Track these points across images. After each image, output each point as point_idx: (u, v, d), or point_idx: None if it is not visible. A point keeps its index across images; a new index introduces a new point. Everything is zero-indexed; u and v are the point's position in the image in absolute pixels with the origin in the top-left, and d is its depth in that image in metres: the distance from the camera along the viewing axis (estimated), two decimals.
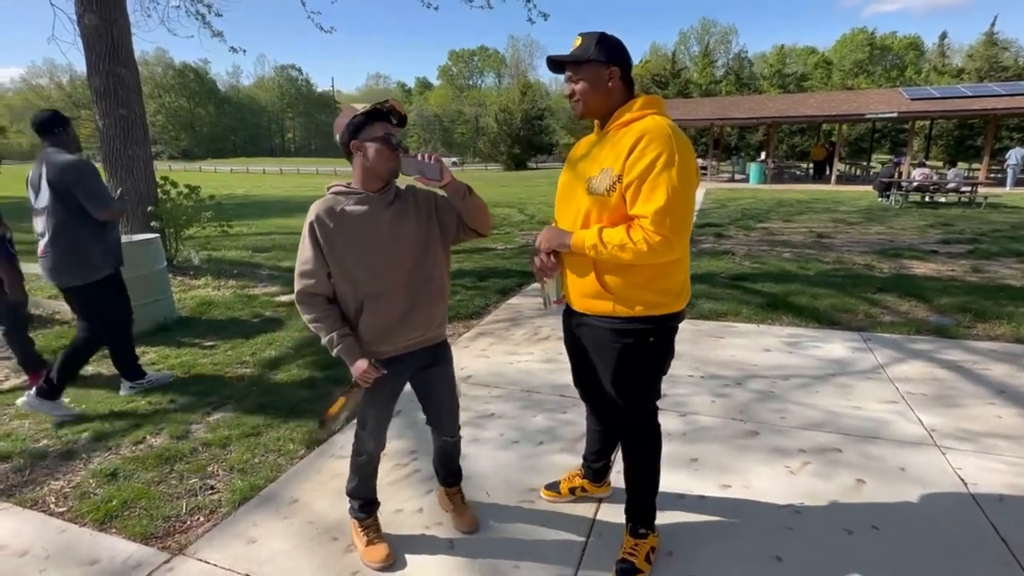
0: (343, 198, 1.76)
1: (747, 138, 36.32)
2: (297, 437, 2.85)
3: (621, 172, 1.60)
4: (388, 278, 1.77)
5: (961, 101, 19.91)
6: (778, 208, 13.22)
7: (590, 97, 1.70)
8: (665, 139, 1.56)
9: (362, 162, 1.73)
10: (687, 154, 1.58)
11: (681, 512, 2.21)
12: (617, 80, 1.69)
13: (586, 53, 1.67)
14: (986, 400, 3.13)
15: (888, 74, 55.62)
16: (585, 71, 1.68)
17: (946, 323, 4.43)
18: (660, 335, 1.77)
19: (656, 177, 1.54)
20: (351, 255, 1.74)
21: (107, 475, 2.55)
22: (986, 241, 8.20)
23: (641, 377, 1.82)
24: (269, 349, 4.18)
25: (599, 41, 1.67)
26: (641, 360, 1.78)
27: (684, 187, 1.55)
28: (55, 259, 3.12)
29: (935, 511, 2.19)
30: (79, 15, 5.91)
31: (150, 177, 6.36)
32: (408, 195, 1.84)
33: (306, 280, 1.75)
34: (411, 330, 1.84)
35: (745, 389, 3.33)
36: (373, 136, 1.70)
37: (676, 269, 1.72)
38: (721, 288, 5.58)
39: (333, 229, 1.72)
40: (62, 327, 4.59)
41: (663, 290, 1.71)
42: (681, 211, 1.56)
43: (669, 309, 1.74)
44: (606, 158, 1.66)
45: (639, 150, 1.56)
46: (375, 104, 1.72)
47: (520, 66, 79.88)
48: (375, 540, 2.01)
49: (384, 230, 1.75)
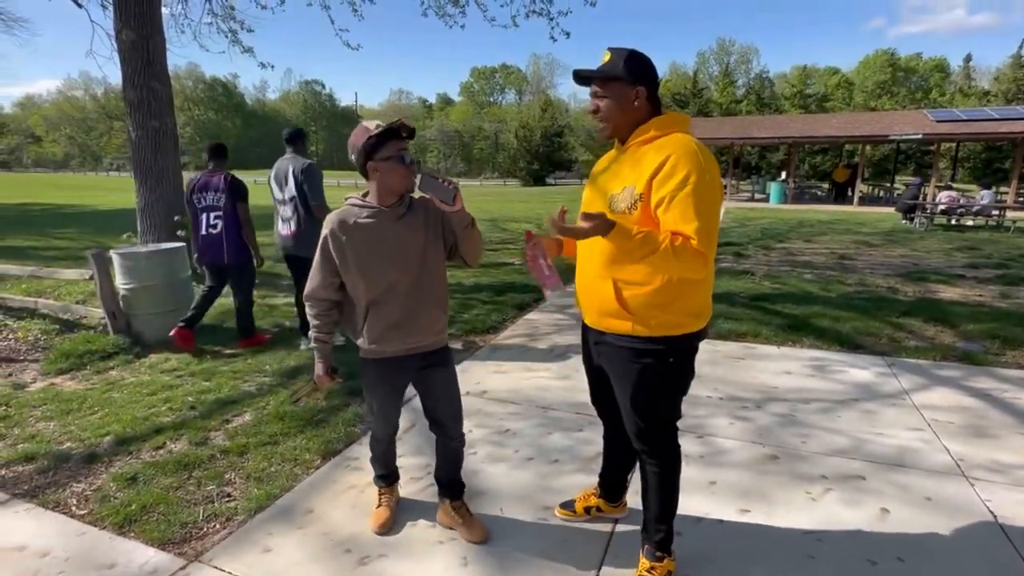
0: (356, 210, 1.89)
1: (768, 157, 36.10)
2: (314, 447, 2.87)
3: (644, 190, 1.58)
4: (391, 286, 1.89)
5: (988, 124, 19.56)
6: (799, 228, 13.08)
7: (615, 115, 1.68)
8: (693, 156, 1.55)
9: (378, 180, 1.85)
10: (715, 171, 1.58)
11: (699, 536, 2.17)
12: (643, 100, 1.67)
13: (614, 70, 1.65)
14: (1016, 430, 3.03)
15: (912, 95, 55.02)
16: (612, 88, 1.67)
17: (974, 349, 4.32)
18: (680, 355, 1.75)
19: (689, 195, 1.52)
20: (358, 264, 1.87)
21: (128, 479, 2.59)
22: (1015, 266, 8.01)
23: (661, 398, 1.79)
24: (288, 359, 4.22)
25: (628, 58, 1.65)
26: (661, 380, 1.75)
27: (714, 205, 1.56)
28: (297, 235, 4.13)
29: (963, 544, 2.12)
30: (117, 31, 6.15)
31: (178, 187, 6.53)
32: (420, 207, 1.94)
33: (313, 283, 1.95)
34: (413, 334, 1.96)
35: (766, 412, 3.27)
36: (387, 156, 1.80)
37: (698, 289, 1.69)
38: (741, 308, 5.52)
39: (344, 240, 1.86)
40: (88, 332, 4.69)
41: (684, 311, 1.68)
42: (712, 226, 1.55)
43: (689, 329, 1.71)
44: (628, 176, 1.65)
45: (669, 167, 1.54)
46: (387, 124, 1.80)
47: (541, 84, 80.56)
48: (382, 505, 2.26)
49: (391, 242, 1.87)
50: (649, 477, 1.90)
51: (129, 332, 4.60)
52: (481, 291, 6.42)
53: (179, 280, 4.83)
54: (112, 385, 3.77)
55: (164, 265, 4.73)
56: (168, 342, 4.39)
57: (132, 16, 6.05)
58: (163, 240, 6.11)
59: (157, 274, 4.66)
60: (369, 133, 1.78)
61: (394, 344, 1.95)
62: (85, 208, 20.06)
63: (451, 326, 5.03)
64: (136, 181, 6.41)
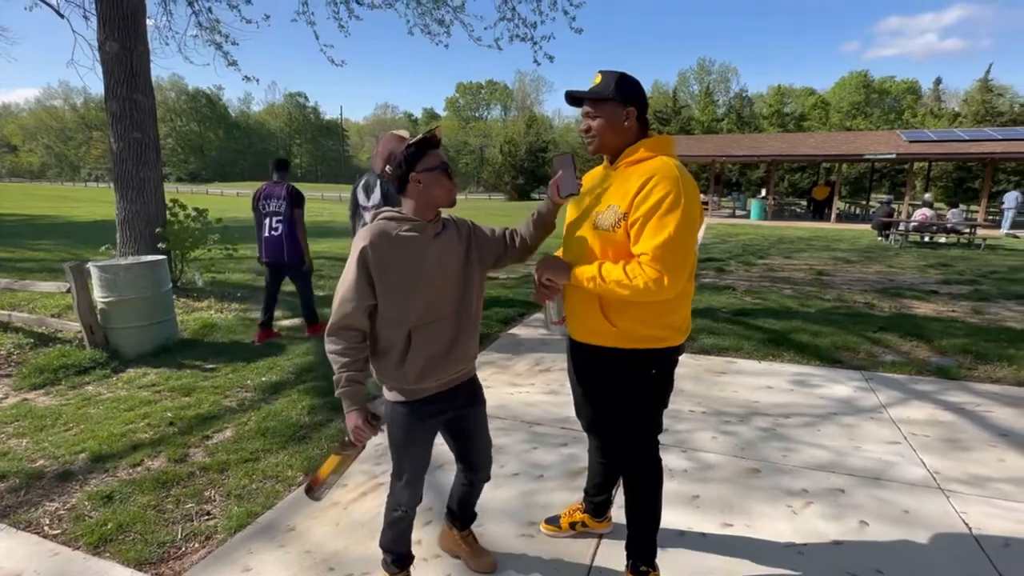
0: (395, 224, 1.67)
1: (748, 174, 36.83)
2: (296, 463, 2.83)
3: (627, 210, 1.64)
4: (440, 308, 1.71)
5: (958, 144, 20.25)
6: (779, 245, 13.33)
7: (606, 134, 1.74)
8: (673, 180, 1.60)
9: (421, 192, 1.66)
10: (692, 196, 1.62)
11: (682, 550, 2.18)
12: (633, 120, 1.73)
13: (605, 91, 1.71)
14: (989, 443, 3.11)
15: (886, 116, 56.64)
16: (603, 109, 1.73)
17: (948, 364, 4.43)
18: (661, 367, 1.80)
19: (661, 217, 1.58)
20: (406, 282, 1.65)
21: (103, 498, 2.53)
22: (986, 283, 8.24)
23: (643, 409, 1.84)
24: (270, 374, 4.17)
25: (619, 81, 1.71)
26: (642, 392, 1.80)
27: (686, 228, 1.58)
28: None
29: (940, 556, 2.16)
30: (101, 42, 6.11)
31: (160, 199, 6.47)
32: (451, 224, 1.79)
33: (345, 309, 1.63)
34: (456, 363, 1.77)
35: (748, 426, 3.32)
36: (430, 166, 1.65)
37: (679, 305, 1.76)
38: (723, 323, 5.60)
39: (387, 256, 1.63)
40: (64, 346, 4.59)
41: (666, 325, 1.74)
42: (680, 251, 1.59)
43: (670, 343, 1.77)
44: (613, 195, 1.70)
45: (647, 189, 1.60)
46: (424, 133, 1.68)
47: (526, 100, 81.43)
48: None
49: (436, 258, 1.69)
50: (632, 491, 1.93)
51: (107, 346, 4.51)
52: None
53: (159, 293, 4.76)
54: (88, 401, 3.69)
55: (144, 278, 4.66)
56: (146, 356, 4.32)
57: (116, 28, 6.02)
58: (143, 253, 6.02)
59: (137, 287, 4.59)
60: (407, 142, 1.65)
61: (438, 375, 1.73)
62: (62, 219, 19.68)
63: None
64: (116, 192, 6.32)
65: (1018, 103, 40.62)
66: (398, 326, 1.67)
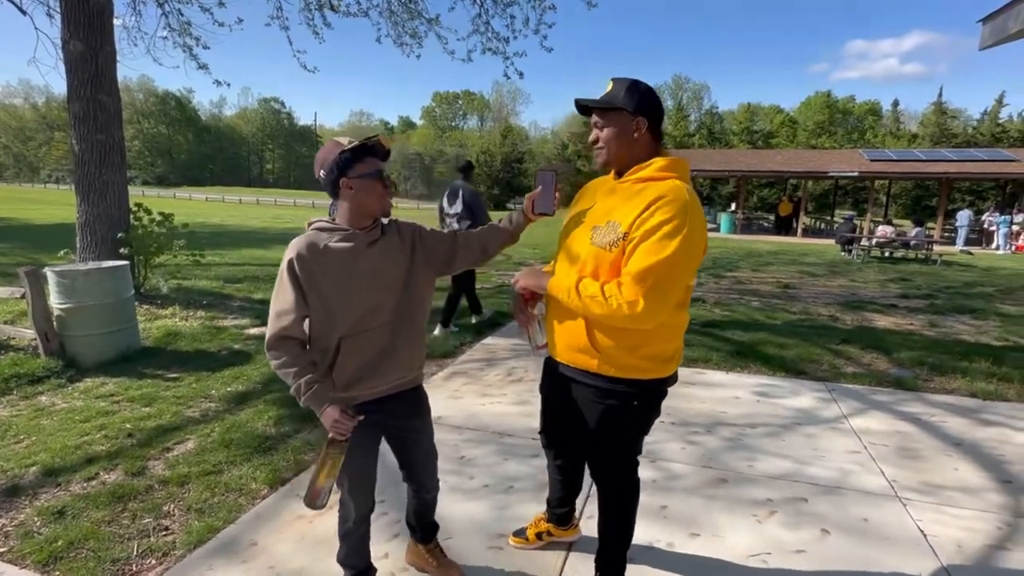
0: (326, 235, 1.64)
1: (719, 189, 37.70)
2: (260, 476, 2.77)
3: (627, 230, 1.52)
4: (375, 316, 1.67)
5: (917, 164, 21.16)
6: (747, 258, 13.64)
7: (614, 145, 1.63)
8: (680, 205, 1.49)
9: (352, 200, 1.63)
10: (698, 226, 1.51)
11: (650, 561, 2.20)
12: (644, 132, 1.62)
13: (614, 100, 1.60)
14: (943, 452, 3.22)
15: (849, 136, 58.73)
16: (612, 118, 1.62)
17: (905, 376, 4.59)
18: (645, 399, 1.70)
19: (658, 240, 1.47)
20: (335, 293, 1.62)
21: (54, 513, 2.43)
22: (941, 297, 8.58)
23: (623, 438, 1.79)
24: (236, 383, 4.07)
25: (629, 88, 1.60)
26: (624, 421, 1.73)
27: (682, 257, 1.47)
28: None
29: (897, 562, 2.22)
30: (64, 41, 5.93)
31: (123, 203, 6.27)
32: (392, 230, 1.74)
33: (282, 322, 1.60)
34: (393, 371, 1.73)
35: (715, 436, 3.37)
36: (364, 173, 1.60)
37: (670, 336, 1.66)
38: (692, 335, 5.69)
39: (315, 267, 1.60)
40: (17, 354, 4.40)
41: (652, 356, 1.63)
42: (668, 280, 1.47)
43: (656, 375, 1.67)
44: (616, 211, 1.58)
45: (651, 210, 1.49)
46: (363, 140, 1.62)
47: (503, 110, 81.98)
48: None
49: (368, 267, 1.65)
50: (606, 508, 1.91)
51: (63, 355, 4.34)
52: (438, 315, 6.38)
53: (120, 300, 4.61)
54: (41, 411, 3.54)
55: (104, 284, 4.51)
56: (106, 365, 4.17)
57: (81, 27, 5.85)
58: (105, 258, 5.83)
59: (96, 293, 4.44)
60: (342, 147, 1.60)
61: (371, 384, 1.71)
62: (18, 222, 18.93)
63: None
64: (77, 195, 6.11)
65: (971, 126, 42.66)
66: (329, 335, 1.65)
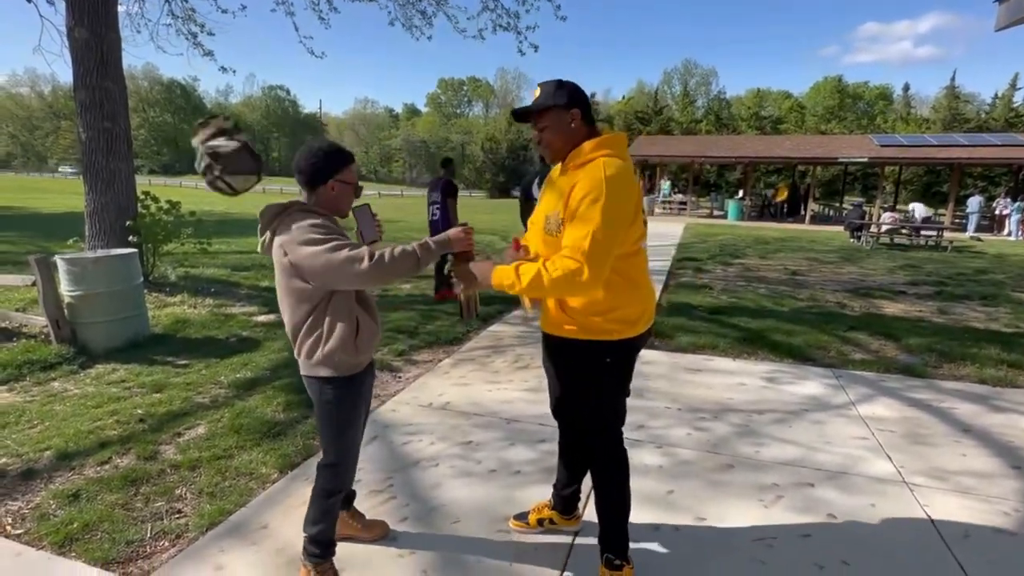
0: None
1: (726, 176, 37.34)
2: (270, 461, 2.80)
3: (565, 215, 1.69)
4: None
5: (928, 149, 20.84)
6: (755, 245, 13.55)
7: (557, 141, 1.79)
8: (595, 180, 1.63)
9: (329, 198, 1.81)
10: (618, 191, 1.62)
11: (656, 544, 2.22)
12: (579, 121, 1.77)
13: (547, 100, 1.76)
14: (952, 439, 3.21)
15: (859, 121, 57.93)
16: (549, 117, 1.77)
17: (914, 362, 4.56)
18: (616, 356, 1.85)
19: (582, 214, 1.62)
20: None
21: (69, 496, 2.47)
22: (951, 284, 8.50)
23: (603, 397, 1.92)
24: (244, 370, 4.10)
25: (557, 87, 1.77)
26: (599, 378, 1.88)
27: (607, 222, 1.60)
28: None
29: (904, 548, 2.23)
30: (69, 28, 5.92)
31: (131, 191, 6.30)
32: None
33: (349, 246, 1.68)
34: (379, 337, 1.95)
35: (721, 423, 3.37)
36: (347, 180, 1.81)
37: (632, 300, 1.81)
38: (699, 321, 5.68)
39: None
40: (29, 341, 4.46)
41: (619, 319, 1.80)
42: (598, 243, 1.60)
43: (625, 335, 1.82)
44: (556, 200, 1.75)
45: (573, 191, 1.66)
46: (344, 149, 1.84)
47: (508, 97, 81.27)
48: None
49: None
50: (599, 483, 1.99)
51: (74, 341, 4.39)
52: (445, 303, 6.40)
53: (130, 287, 4.64)
54: (54, 397, 3.59)
55: (113, 271, 4.54)
56: (116, 352, 4.22)
57: (86, 13, 5.84)
58: (113, 246, 5.86)
59: (106, 281, 4.48)
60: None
61: (373, 348, 1.92)
62: (27, 211, 19.05)
63: (414, 337, 5.00)
64: (85, 184, 6.14)
65: (983, 110, 41.95)
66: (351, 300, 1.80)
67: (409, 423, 3.28)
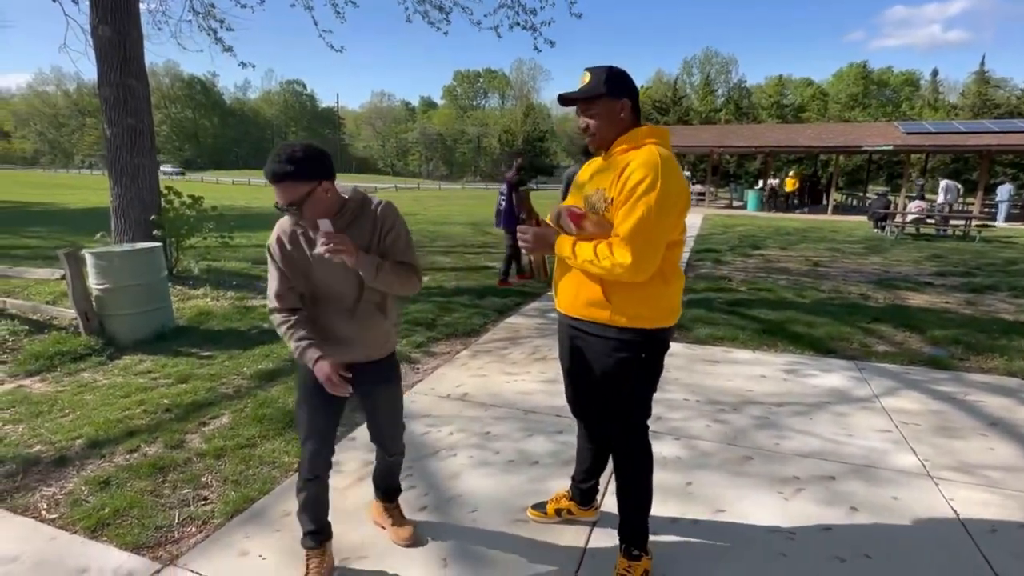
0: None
1: (745, 165, 36.74)
2: (292, 450, 2.85)
3: (613, 195, 1.68)
4: (334, 300, 1.82)
5: (956, 137, 20.25)
6: (775, 236, 13.35)
7: (605, 130, 1.76)
8: (652, 166, 1.62)
9: (319, 197, 1.68)
10: (671, 181, 1.62)
11: (675, 536, 2.21)
12: (628, 111, 1.76)
13: (597, 89, 1.72)
14: (979, 432, 3.14)
15: (884, 108, 56.53)
16: (598, 106, 1.74)
17: (940, 354, 4.47)
18: (652, 350, 1.82)
19: (635, 201, 1.61)
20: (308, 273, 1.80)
21: (100, 483, 2.54)
22: (980, 274, 8.29)
23: (634, 392, 1.87)
24: (266, 361, 4.18)
25: (608, 76, 1.72)
26: (634, 374, 1.83)
27: (659, 212, 1.60)
28: None
29: (928, 542, 2.20)
30: (93, 27, 6.03)
31: (154, 186, 6.42)
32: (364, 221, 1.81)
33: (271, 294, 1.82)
34: (354, 351, 1.87)
35: (742, 415, 3.34)
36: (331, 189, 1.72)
37: (674, 289, 1.80)
38: (718, 313, 5.62)
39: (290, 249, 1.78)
40: (59, 333, 4.58)
41: (659, 307, 1.77)
42: (651, 233, 1.62)
43: (661, 324, 1.80)
44: (604, 180, 1.74)
45: (626, 174, 1.65)
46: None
47: (524, 88, 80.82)
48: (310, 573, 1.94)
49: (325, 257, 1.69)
50: (621, 475, 1.96)
51: (102, 333, 4.50)
52: (463, 294, 6.43)
53: (155, 280, 4.74)
54: (84, 387, 3.69)
55: (139, 265, 4.64)
56: (142, 343, 4.33)
57: (108, 11, 5.94)
58: (138, 240, 5.99)
59: (132, 274, 4.58)
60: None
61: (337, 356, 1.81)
62: (56, 207, 19.54)
63: (432, 329, 5.03)
64: (111, 179, 6.28)
65: (1015, 95, 40.59)
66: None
67: (427, 413, 3.32)
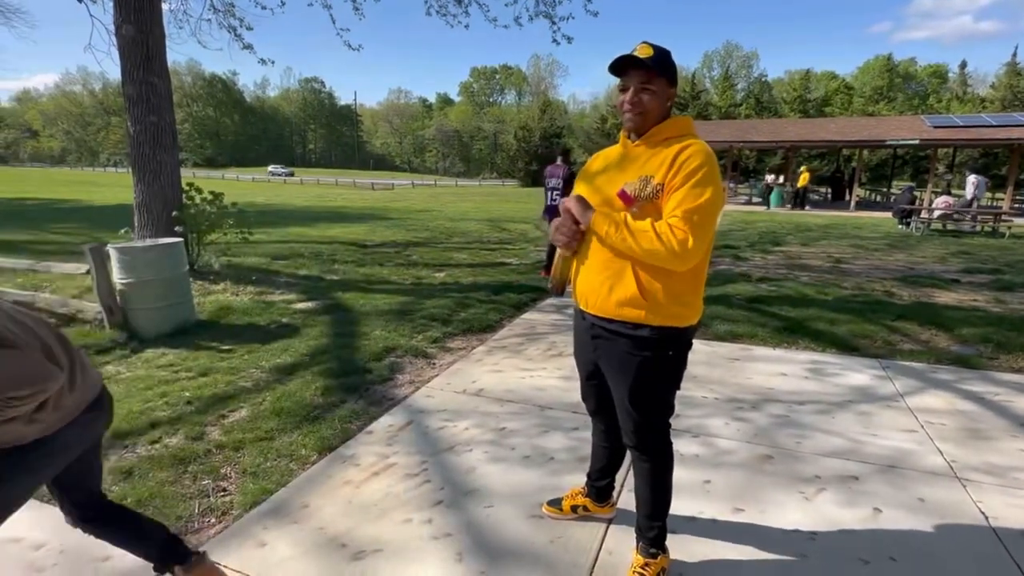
0: None
1: (765, 161, 36.20)
2: (310, 443, 2.87)
3: (664, 180, 1.63)
4: None
5: (985, 130, 19.67)
6: (796, 232, 13.12)
7: (654, 110, 1.70)
8: (708, 155, 1.64)
9: None
10: (718, 172, 1.66)
11: (693, 535, 2.18)
12: (672, 101, 1.76)
13: (662, 66, 1.67)
14: (1009, 433, 3.05)
15: (910, 101, 55.20)
16: (657, 84, 1.69)
17: (968, 353, 4.35)
18: (677, 348, 1.78)
19: (696, 185, 1.59)
20: None
21: (123, 472, 2.59)
22: (1009, 272, 8.05)
23: (659, 390, 1.82)
24: (285, 355, 4.22)
25: (670, 59, 1.70)
26: (659, 373, 1.78)
27: (715, 202, 1.61)
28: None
29: (955, 545, 2.14)
30: (117, 26, 6.14)
31: (176, 183, 6.53)
32: None
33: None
34: None
35: (762, 413, 3.29)
36: None
37: (701, 285, 1.78)
38: (738, 310, 5.54)
39: None
40: (84, 326, 4.69)
41: (688, 303, 1.73)
42: (708, 220, 1.60)
43: (690, 321, 1.76)
44: (647, 166, 1.68)
45: (683, 158, 1.62)
46: None
47: (541, 84, 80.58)
48: None
49: None
50: (642, 474, 1.91)
51: (126, 327, 4.59)
52: (479, 290, 6.43)
53: (176, 275, 4.82)
54: (108, 379, 3.76)
55: (161, 260, 4.72)
56: (164, 337, 4.41)
57: (131, 11, 6.04)
58: (161, 235, 6.10)
59: (154, 269, 4.66)
60: None
61: None
62: (81, 203, 20.00)
63: (448, 325, 5.04)
64: (134, 176, 6.40)
65: None
66: None
67: (443, 409, 3.32)
